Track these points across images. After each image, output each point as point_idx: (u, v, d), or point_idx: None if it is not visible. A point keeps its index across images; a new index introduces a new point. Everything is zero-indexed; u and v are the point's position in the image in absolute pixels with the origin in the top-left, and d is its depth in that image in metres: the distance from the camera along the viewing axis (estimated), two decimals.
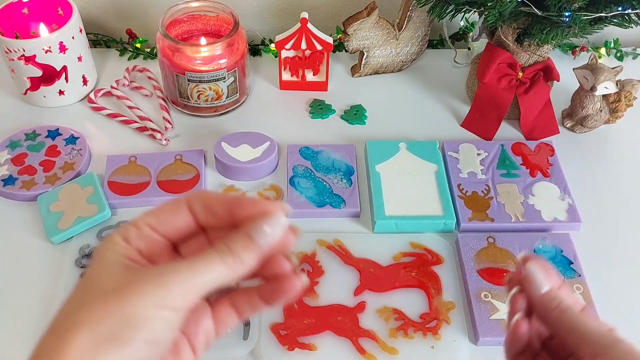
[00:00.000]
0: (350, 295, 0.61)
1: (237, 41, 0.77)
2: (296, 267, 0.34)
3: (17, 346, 0.58)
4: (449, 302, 0.61)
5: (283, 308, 0.58)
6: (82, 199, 0.68)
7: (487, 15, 0.69)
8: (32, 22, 0.81)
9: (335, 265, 0.63)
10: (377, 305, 0.60)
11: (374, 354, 0.57)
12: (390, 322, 0.59)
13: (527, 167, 0.73)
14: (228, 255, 0.31)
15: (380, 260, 0.63)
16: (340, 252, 0.64)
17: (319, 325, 0.58)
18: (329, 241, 0.64)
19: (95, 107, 0.81)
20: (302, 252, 0.63)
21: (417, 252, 0.64)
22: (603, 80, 0.75)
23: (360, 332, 0.58)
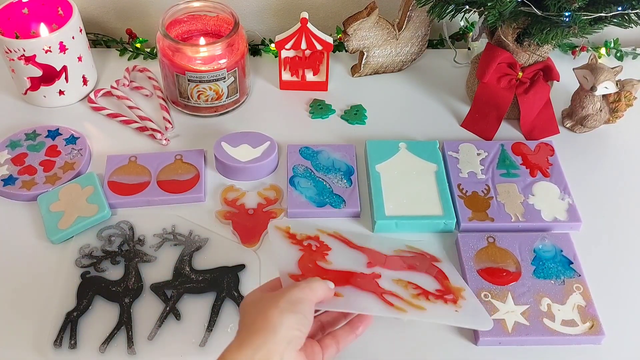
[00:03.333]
0: (364, 267, 0.58)
1: (237, 41, 0.77)
2: None
3: (17, 345, 0.58)
4: (458, 287, 0.59)
5: (298, 265, 0.55)
6: (82, 199, 0.68)
7: (487, 15, 0.69)
8: (33, 22, 0.81)
9: (341, 246, 0.61)
10: (393, 276, 0.57)
11: (402, 307, 0.53)
12: (409, 289, 0.56)
13: (527, 167, 0.73)
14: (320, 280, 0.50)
15: (383, 251, 0.62)
16: (343, 239, 0.62)
17: (340, 281, 0.54)
18: (329, 231, 0.63)
19: (95, 107, 0.81)
20: (305, 233, 0.60)
21: (415, 252, 0.64)
22: (603, 80, 0.75)
23: (385, 291, 0.55)
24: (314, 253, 0.57)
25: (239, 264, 0.64)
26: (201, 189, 0.71)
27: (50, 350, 0.58)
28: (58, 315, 0.60)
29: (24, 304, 0.61)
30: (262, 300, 0.47)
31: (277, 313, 0.45)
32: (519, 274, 0.63)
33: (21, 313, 0.61)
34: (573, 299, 0.61)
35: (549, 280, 0.63)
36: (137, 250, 0.65)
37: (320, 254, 0.57)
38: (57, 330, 0.59)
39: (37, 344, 0.58)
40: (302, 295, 0.47)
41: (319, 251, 0.58)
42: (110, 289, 0.62)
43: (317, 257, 0.57)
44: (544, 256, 0.65)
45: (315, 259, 0.56)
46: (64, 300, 0.61)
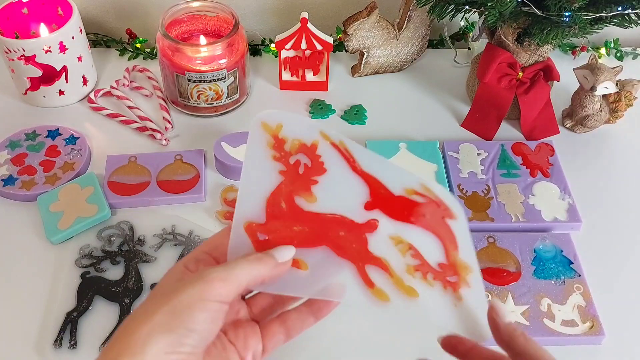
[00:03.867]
0: (359, 208, 0.44)
1: (237, 41, 0.77)
2: None
3: (17, 346, 0.58)
4: (466, 265, 0.46)
5: (266, 205, 0.41)
6: (82, 199, 0.68)
7: (487, 15, 0.69)
8: (32, 22, 0.81)
9: (340, 168, 0.45)
10: (391, 231, 0.44)
11: (386, 290, 0.41)
12: (406, 256, 0.44)
13: (528, 167, 0.73)
14: (252, 256, 0.37)
15: (390, 186, 0.46)
16: (348, 156, 0.45)
17: (314, 237, 0.42)
18: (334, 140, 0.45)
19: (95, 107, 0.81)
20: (299, 139, 0.44)
21: (429, 196, 0.47)
22: (603, 80, 0.75)
23: (369, 257, 0.42)
24: (299, 179, 0.43)
25: None
26: (201, 189, 0.70)
27: (50, 351, 0.57)
28: (58, 315, 0.60)
29: (23, 304, 0.61)
30: (155, 297, 0.36)
31: (144, 334, 0.33)
32: (519, 274, 0.63)
33: (21, 313, 0.60)
34: (573, 299, 0.61)
35: (549, 281, 0.63)
36: (137, 250, 0.65)
37: (305, 182, 0.43)
38: (57, 330, 0.59)
39: (37, 344, 0.58)
40: (192, 297, 0.34)
41: (306, 176, 0.43)
42: (110, 289, 0.62)
43: (300, 187, 0.43)
44: (544, 256, 0.65)
45: (296, 192, 0.43)
46: (63, 301, 0.61)
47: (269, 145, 0.43)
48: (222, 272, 0.35)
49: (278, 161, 0.43)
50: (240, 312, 0.41)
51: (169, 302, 0.34)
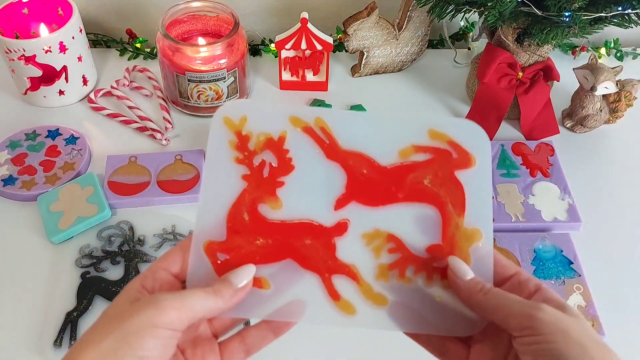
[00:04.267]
0: (328, 209, 0.40)
1: (237, 41, 0.77)
2: None
3: (17, 345, 0.58)
4: (473, 230, 0.40)
5: (227, 219, 0.39)
6: (82, 199, 0.68)
7: (487, 15, 0.69)
8: (32, 22, 0.81)
9: (310, 160, 0.41)
10: (366, 226, 0.40)
11: (352, 301, 0.39)
12: (381, 254, 0.40)
13: (527, 167, 0.73)
14: (209, 288, 0.36)
15: (380, 156, 0.41)
16: (322, 139, 0.41)
17: (278, 250, 0.40)
18: (308, 120, 0.41)
19: (95, 107, 0.81)
20: (265, 134, 0.41)
21: (437, 146, 0.41)
22: (603, 80, 0.75)
23: (337, 266, 0.40)
24: (263, 184, 0.40)
25: None
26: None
27: (50, 350, 0.57)
28: (58, 315, 0.60)
29: (23, 304, 0.61)
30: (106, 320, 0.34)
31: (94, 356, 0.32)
32: None
33: (21, 313, 0.60)
34: (573, 299, 0.61)
35: (549, 281, 0.63)
36: (137, 250, 0.65)
37: (271, 186, 0.40)
38: (57, 330, 0.59)
39: (37, 344, 0.58)
40: (143, 323, 0.32)
41: (271, 178, 0.40)
42: (110, 289, 0.62)
43: (265, 192, 0.40)
44: (544, 256, 0.65)
45: (260, 199, 0.40)
46: (64, 301, 0.61)
47: (232, 146, 0.41)
48: (177, 301, 0.34)
49: (241, 164, 0.40)
50: (200, 328, 0.39)
51: (119, 327, 0.33)
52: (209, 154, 0.41)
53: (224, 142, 0.41)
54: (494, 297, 0.36)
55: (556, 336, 0.32)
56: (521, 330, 0.33)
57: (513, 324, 0.34)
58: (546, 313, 0.33)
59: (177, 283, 0.38)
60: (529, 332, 0.33)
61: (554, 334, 0.32)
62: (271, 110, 0.42)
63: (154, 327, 0.33)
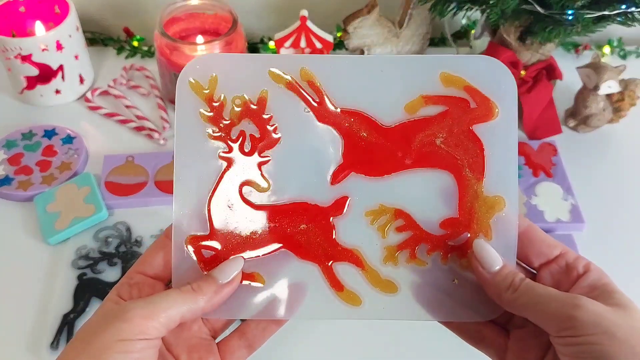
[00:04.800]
0: (323, 184, 0.35)
1: (235, 39, 0.76)
2: None
3: (13, 347, 0.58)
4: (494, 198, 0.35)
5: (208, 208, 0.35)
6: (79, 200, 0.67)
7: (489, 13, 0.69)
8: (29, 20, 0.80)
9: (300, 124, 0.35)
10: (369, 202, 0.35)
11: (358, 291, 0.35)
12: (389, 233, 0.35)
13: (530, 167, 0.73)
14: (187, 286, 0.33)
15: (382, 113, 0.35)
16: (311, 98, 0.35)
17: (270, 239, 0.35)
18: (292, 74, 0.35)
19: (92, 106, 0.80)
20: (240, 97, 0.35)
21: (452, 94, 0.35)
22: (606, 79, 0.74)
23: (337, 252, 0.35)
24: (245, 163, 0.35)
25: None
26: None
27: (46, 352, 0.57)
28: (54, 317, 0.59)
29: (19, 305, 0.61)
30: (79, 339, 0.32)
31: None
32: None
33: (17, 315, 0.60)
34: None
35: None
36: (134, 251, 0.64)
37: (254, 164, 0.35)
38: (53, 332, 0.58)
39: (33, 346, 0.58)
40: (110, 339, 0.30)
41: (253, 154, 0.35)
42: (107, 290, 0.61)
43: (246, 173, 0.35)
44: None
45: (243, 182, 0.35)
46: (60, 302, 0.60)
47: (203, 118, 0.35)
48: (144, 309, 0.31)
49: (217, 140, 0.35)
50: (192, 329, 0.36)
51: (87, 346, 0.30)
52: (178, 131, 0.35)
53: (194, 114, 0.35)
54: (526, 294, 0.31)
55: (599, 337, 0.29)
56: (559, 332, 0.30)
57: (550, 326, 0.30)
58: (587, 311, 0.29)
59: (158, 284, 0.36)
60: (568, 332, 0.29)
61: (597, 334, 0.29)
62: (246, 64, 0.35)
63: (121, 341, 0.30)
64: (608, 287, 0.32)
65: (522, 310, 0.32)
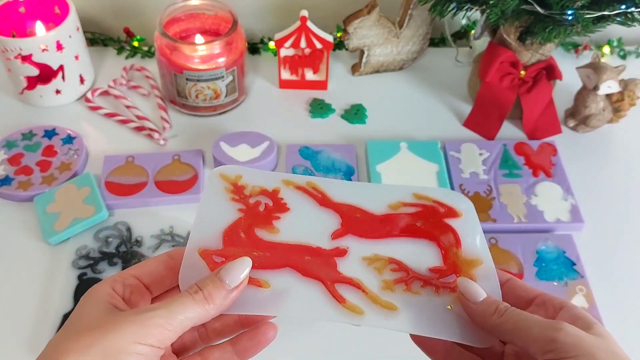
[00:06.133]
0: (326, 239, 0.41)
1: (235, 40, 0.76)
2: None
3: (13, 348, 0.58)
4: (472, 259, 0.41)
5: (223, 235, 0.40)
6: (79, 200, 0.67)
7: (489, 13, 0.69)
8: (29, 20, 0.80)
9: (306, 205, 0.43)
10: (365, 253, 0.41)
11: (360, 305, 0.38)
12: (384, 272, 0.40)
13: (530, 167, 0.73)
14: (199, 294, 0.34)
15: (370, 207, 0.44)
16: (315, 194, 0.44)
17: (276, 260, 0.39)
18: (300, 183, 0.44)
19: (92, 106, 0.80)
20: (259, 186, 0.43)
21: (424, 203, 0.44)
22: (606, 79, 0.74)
23: (340, 277, 0.39)
24: (258, 216, 0.41)
25: None
26: (199, 190, 0.70)
27: None
28: (55, 317, 0.59)
29: (20, 305, 0.61)
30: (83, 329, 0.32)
31: None
32: (521, 276, 0.62)
33: (17, 315, 0.60)
34: (576, 300, 0.60)
35: (552, 282, 0.62)
36: (135, 251, 0.64)
37: (266, 218, 0.41)
38: (53, 331, 0.58)
39: (33, 346, 0.58)
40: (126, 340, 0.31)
41: (267, 213, 0.42)
42: None
43: (260, 221, 0.41)
44: (546, 257, 0.64)
45: (255, 225, 0.41)
46: (60, 302, 0.60)
47: (227, 191, 0.42)
48: (163, 318, 0.32)
49: (237, 202, 0.42)
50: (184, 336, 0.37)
51: (101, 339, 0.31)
52: (204, 197, 0.42)
53: (220, 189, 0.43)
54: (511, 319, 0.34)
55: (581, 358, 0.31)
56: (543, 354, 0.32)
57: (534, 348, 0.32)
58: (568, 334, 0.32)
59: (147, 294, 0.38)
60: (551, 355, 0.31)
61: (578, 356, 0.31)
62: (265, 174, 0.45)
63: (137, 344, 0.31)
64: (587, 319, 0.34)
65: (508, 334, 0.34)
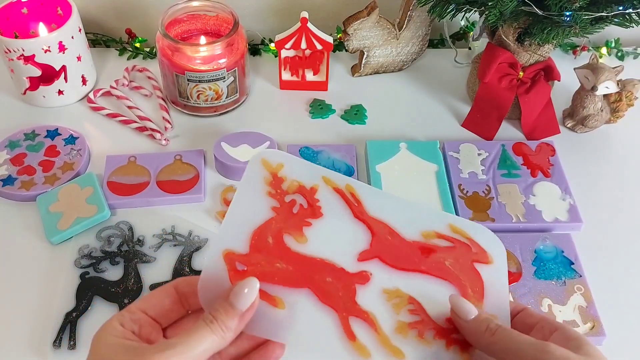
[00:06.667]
0: (352, 258, 0.41)
1: (236, 41, 0.77)
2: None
3: (16, 346, 0.58)
4: (491, 316, 0.40)
5: (252, 236, 0.40)
6: (82, 200, 0.68)
7: (488, 14, 0.69)
8: (32, 21, 0.80)
9: (339, 214, 0.42)
10: (387, 283, 0.41)
11: (368, 346, 0.38)
12: (401, 312, 0.39)
13: (528, 167, 0.73)
14: (215, 324, 0.35)
15: (403, 230, 0.43)
16: (352, 201, 0.43)
17: (298, 278, 0.39)
18: (339, 184, 0.43)
19: (94, 107, 0.81)
20: (298, 181, 0.42)
21: (458, 238, 0.43)
22: (604, 79, 0.74)
23: (355, 309, 0.39)
24: (291, 219, 0.41)
25: None
26: (201, 189, 0.70)
27: (49, 351, 0.57)
28: (57, 315, 0.59)
29: (23, 304, 0.61)
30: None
31: None
32: (520, 275, 0.63)
33: (20, 314, 0.60)
34: (574, 299, 0.61)
35: (550, 281, 0.62)
36: (137, 250, 0.65)
37: (298, 222, 0.41)
38: (56, 330, 0.58)
39: (36, 345, 0.58)
40: None
41: (300, 216, 0.41)
42: (109, 289, 0.62)
43: (292, 226, 0.41)
44: (545, 257, 0.64)
45: (286, 230, 0.40)
46: (63, 301, 0.61)
47: (266, 182, 0.42)
48: (183, 355, 0.33)
49: (273, 197, 0.41)
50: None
51: None
52: (243, 183, 0.41)
53: (259, 177, 0.42)
54: (502, 339, 0.36)
55: None
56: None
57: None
58: (554, 355, 0.34)
59: (157, 326, 0.38)
60: None
61: None
62: (307, 166, 0.44)
63: None
64: (579, 340, 0.36)
65: (500, 354, 0.36)
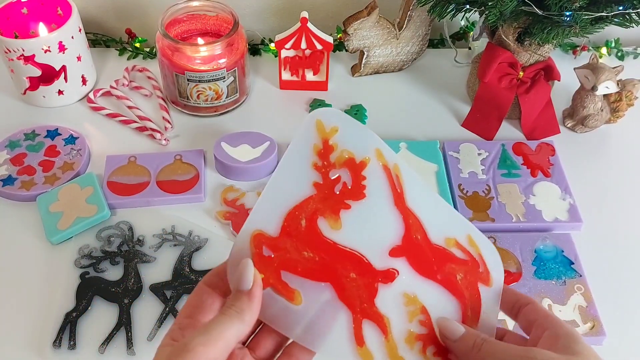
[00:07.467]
0: (381, 252, 0.41)
1: (236, 41, 0.77)
2: None
3: (16, 346, 0.58)
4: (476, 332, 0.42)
5: (285, 218, 0.39)
6: (82, 199, 0.68)
7: (488, 14, 0.69)
8: (32, 21, 0.80)
9: (381, 198, 0.41)
10: (408, 288, 0.41)
11: (375, 354, 0.39)
12: (413, 321, 0.41)
13: (528, 167, 0.73)
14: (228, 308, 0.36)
15: (431, 231, 0.43)
16: (396, 185, 0.42)
17: (322, 270, 0.39)
18: (389, 162, 0.42)
19: (94, 107, 0.81)
20: (349, 152, 0.41)
21: (473, 253, 0.44)
22: (604, 79, 0.74)
23: (371, 312, 0.40)
24: (331, 199, 0.40)
25: None
26: (201, 189, 0.70)
27: (49, 351, 0.57)
28: (57, 315, 0.59)
29: (23, 304, 0.61)
30: None
31: None
32: (520, 275, 0.63)
33: (20, 313, 0.60)
34: (574, 299, 0.61)
35: (550, 281, 0.62)
36: (137, 250, 0.65)
37: (337, 204, 0.40)
38: (56, 330, 0.58)
39: (36, 345, 0.58)
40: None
41: (340, 198, 0.40)
42: (109, 289, 0.62)
43: (329, 208, 0.40)
44: (544, 257, 0.64)
45: (322, 212, 0.39)
46: (63, 301, 0.61)
47: (315, 151, 0.40)
48: (203, 337, 0.34)
49: (317, 171, 0.40)
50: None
51: None
52: (291, 149, 0.40)
53: (309, 144, 0.40)
54: (489, 352, 0.37)
55: None
56: None
57: None
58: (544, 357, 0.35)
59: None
60: None
61: None
62: (362, 132, 0.42)
63: None
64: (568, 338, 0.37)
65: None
